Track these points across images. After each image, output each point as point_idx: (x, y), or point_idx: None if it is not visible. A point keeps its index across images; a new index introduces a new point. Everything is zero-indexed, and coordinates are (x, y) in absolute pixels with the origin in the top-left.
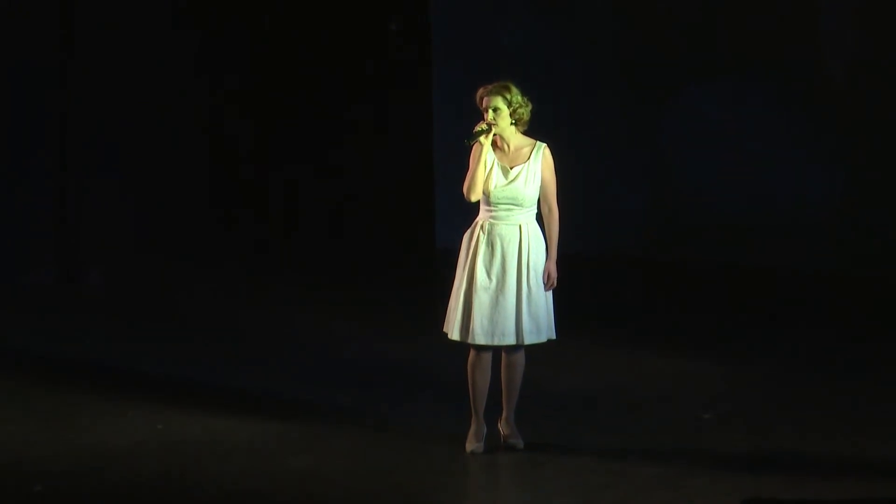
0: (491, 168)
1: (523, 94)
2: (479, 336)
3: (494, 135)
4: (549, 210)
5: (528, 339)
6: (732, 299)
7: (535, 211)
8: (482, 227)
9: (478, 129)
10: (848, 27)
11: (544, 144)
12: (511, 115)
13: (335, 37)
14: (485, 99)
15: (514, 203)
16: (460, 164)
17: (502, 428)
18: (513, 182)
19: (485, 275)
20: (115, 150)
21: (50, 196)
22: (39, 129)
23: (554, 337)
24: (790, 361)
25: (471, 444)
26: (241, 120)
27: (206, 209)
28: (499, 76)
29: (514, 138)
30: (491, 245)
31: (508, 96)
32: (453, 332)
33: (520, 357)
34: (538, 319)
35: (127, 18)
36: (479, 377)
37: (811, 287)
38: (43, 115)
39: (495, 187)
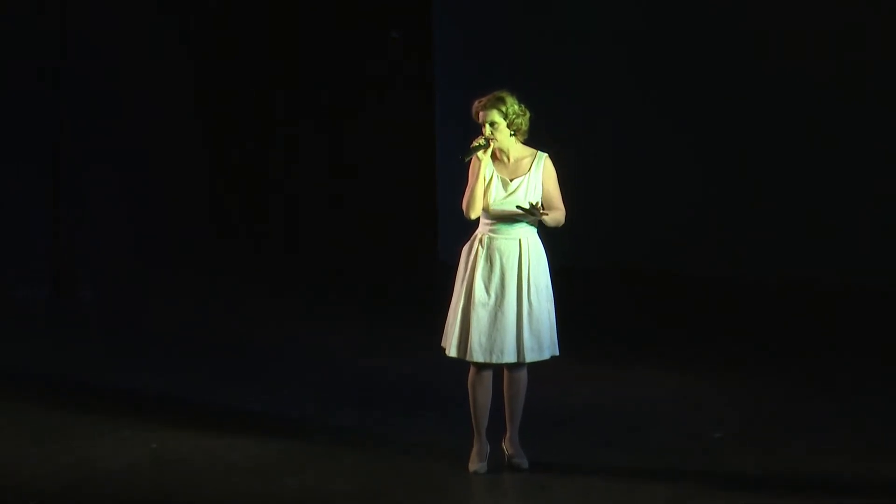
0: (490, 180)
1: (520, 102)
2: (477, 354)
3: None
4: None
5: (530, 357)
6: (738, 314)
7: (536, 224)
8: (481, 240)
9: (474, 144)
10: None
11: (545, 154)
12: (508, 126)
13: (336, 47)
14: (480, 113)
15: (514, 216)
16: (463, 177)
17: (506, 447)
18: (512, 195)
19: (483, 291)
20: (109, 163)
21: (43, 210)
22: (32, 142)
23: (557, 353)
24: (801, 379)
25: (473, 464)
26: (239, 130)
27: (203, 223)
28: (500, 85)
29: (514, 149)
30: (490, 260)
31: (504, 108)
32: (451, 348)
33: (522, 375)
34: (540, 336)
35: (123, 22)
36: (481, 395)
37: (817, 302)
38: (35, 126)
39: (494, 200)
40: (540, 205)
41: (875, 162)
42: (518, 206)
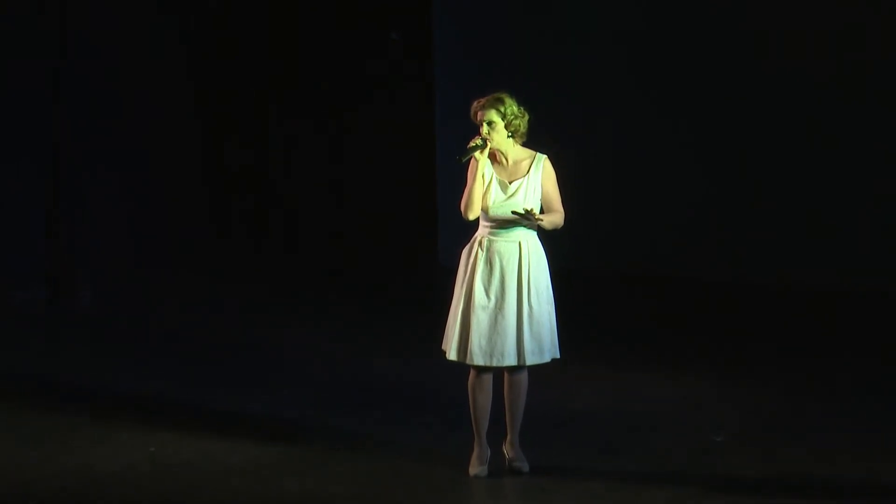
0: (489, 183)
1: (519, 104)
2: (477, 357)
3: (491, 149)
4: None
5: (531, 360)
6: (738, 315)
7: (535, 227)
8: (480, 243)
9: (471, 144)
10: None
11: (545, 156)
12: (507, 127)
13: (336, 47)
14: (479, 113)
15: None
16: (463, 177)
17: (507, 451)
18: (512, 197)
19: (483, 294)
20: (109, 163)
21: (42, 211)
22: (31, 142)
23: (558, 356)
24: (801, 380)
25: (474, 468)
26: (239, 130)
27: (203, 223)
28: (500, 85)
29: (513, 151)
30: (489, 262)
31: (503, 108)
32: (451, 352)
33: (522, 377)
34: (540, 339)
35: (123, 22)
36: (481, 398)
37: (817, 303)
38: (35, 126)
39: (494, 203)
40: (537, 210)
41: (875, 162)
42: (513, 212)
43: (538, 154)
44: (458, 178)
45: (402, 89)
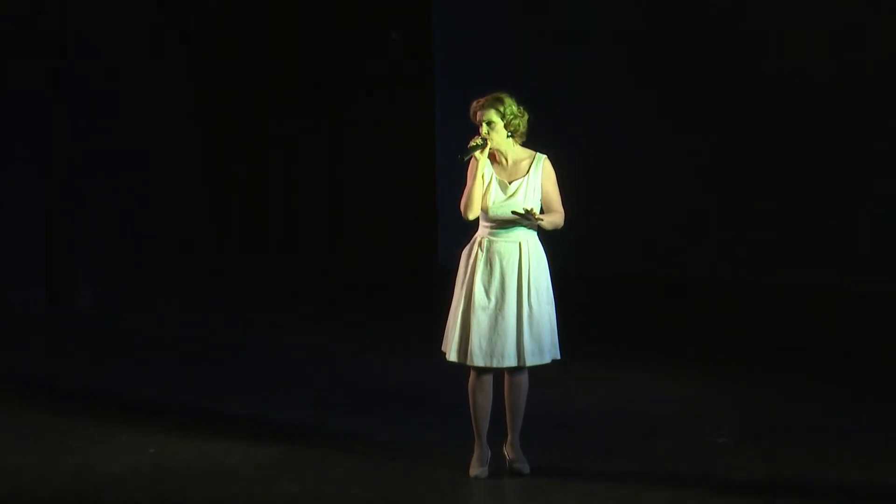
0: (489, 183)
1: (519, 104)
2: (477, 358)
3: (491, 149)
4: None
5: (531, 361)
6: (738, 315)
7: (535, 227)
8: (480, 243)
9: (472, 143)
10: None
11: (544, 156)
12: (506, 127)
13: (336, 47)
14: (478, 113)
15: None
16: (463, 177)
17: (507, 452)
18: (512, 197)
19: (483, 294)
20: (109, 163)
21: (42, 211)
22: (31, 142)
23: (558, 357)
24: (801, 380)
25: (474, 469)
26: (239, 130)
27: (203, 223)
28: (500, 85)
29: (512, 151)
30: (489, 263)
31: (502, 108)
32: (451, 353)
33: (523, 378)
34: (541, 340)
35: (123, 22)
36: (481, 399)
37: (817, 303)
38: (35, 126)
39: (493, 203)
40: (537, 210)
41: (875, 162)
42: (513, 212)
43: (538, 154)
44: (458, 178)
45: (402, 89)
